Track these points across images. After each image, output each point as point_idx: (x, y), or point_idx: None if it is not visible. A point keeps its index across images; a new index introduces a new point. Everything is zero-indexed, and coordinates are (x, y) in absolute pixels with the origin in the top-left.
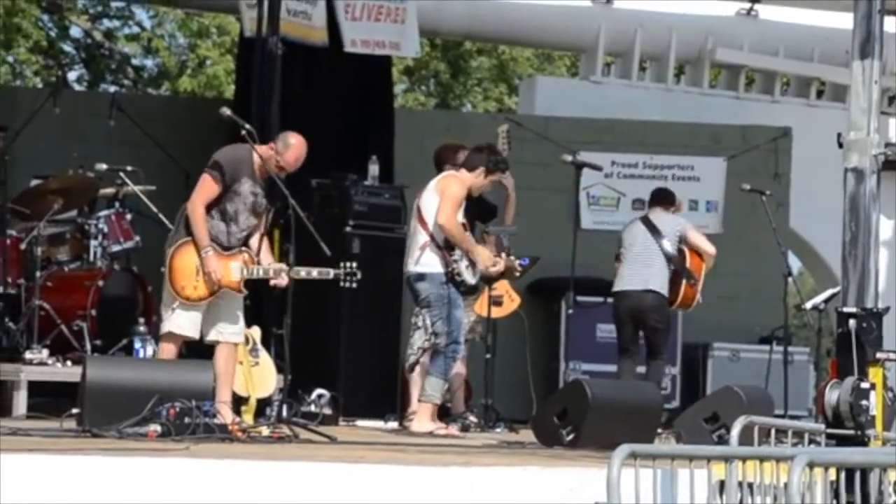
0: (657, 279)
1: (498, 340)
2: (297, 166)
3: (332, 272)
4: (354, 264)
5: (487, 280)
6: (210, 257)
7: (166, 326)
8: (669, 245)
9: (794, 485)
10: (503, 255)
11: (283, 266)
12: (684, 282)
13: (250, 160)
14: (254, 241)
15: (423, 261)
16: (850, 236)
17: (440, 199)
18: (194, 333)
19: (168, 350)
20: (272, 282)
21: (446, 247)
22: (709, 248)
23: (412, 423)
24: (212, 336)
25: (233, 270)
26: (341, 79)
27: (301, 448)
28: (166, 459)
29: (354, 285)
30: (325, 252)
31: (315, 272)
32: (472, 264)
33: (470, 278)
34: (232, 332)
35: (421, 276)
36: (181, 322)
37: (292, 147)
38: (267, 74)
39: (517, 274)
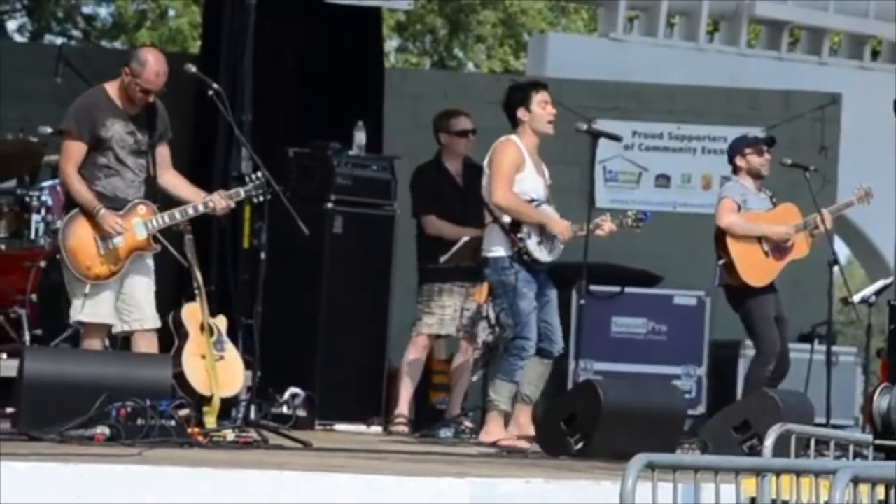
0: None
1: None
2: (161, 82)
3: (242, 191)
4: (259, 174)
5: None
6: (105, 214)
7: (77, 317)
8: None
9: (836, 503)
10: (607, 215)
11: (200, 201)
12: None
13: (107, 99)
14: (168, 180)
15: (486, 244)
16: None
17: (490, 174)
18: (110, 318)
19: (94, 347)
20: (218, 210)
21: (513, 225)
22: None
23: (481, 434)
24: (118, 326)
25: (136, 228)
26: (323, 34)
27: (271, 455)
28: (115, 466)
29: (268, 196)
30: (303, 231)
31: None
32: (548, 237)
33: (544, 255)
34: (139, 319)
35: (486, 262)
36: (97, 309)
37: (149, 63)
38: (238, 27)
39: (638, 231)
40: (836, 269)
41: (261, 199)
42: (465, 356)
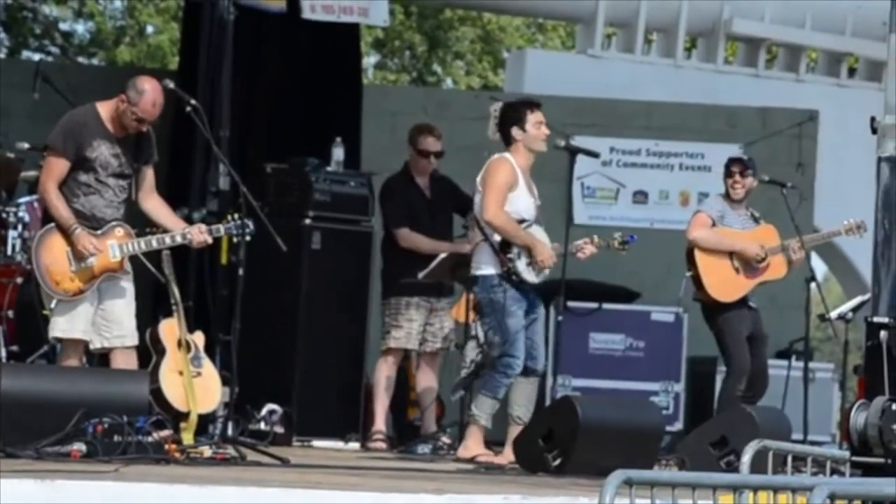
0: None
1: None
2: (157, 113)
3: (222, 228)
4: (237, 215)
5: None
6: (80, 234)
7: (54, 333)
8: None
9: None
10: (594, 237)
11: (178, 231)
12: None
13: (97, 120)
14: (150, 205)
15: (475, 262)
16: (882, 235)
17: (483, 192)
18: (86, 335)
19: (71, 364)
20: (195, 243)
21: (503, 245)
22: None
23: (459, 449)
24: (97, 343)
25: (110, 250)
26: (301, 50)
27: (248, 471)
28: (92, 483)
29: (248, 238)
30: (281, 247)
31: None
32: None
33: (532, 276)
34: (119, 336)
35: (475, 280)
36: (73, 325)
37: (146, 93)
38: (216, 43)
39: (623, 254)
40: (813, 285)
41: (239, 238)
42: (426, 378)
